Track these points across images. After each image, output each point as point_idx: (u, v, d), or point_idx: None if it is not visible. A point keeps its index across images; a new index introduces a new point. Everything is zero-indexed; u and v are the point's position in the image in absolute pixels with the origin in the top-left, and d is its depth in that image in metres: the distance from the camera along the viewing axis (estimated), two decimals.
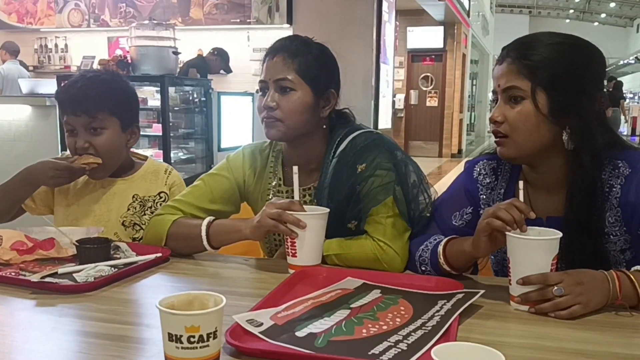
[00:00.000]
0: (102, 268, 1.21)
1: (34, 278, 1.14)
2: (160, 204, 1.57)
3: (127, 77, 2.01)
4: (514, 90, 1.17)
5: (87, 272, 1.19)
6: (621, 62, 24.38)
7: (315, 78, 1.37)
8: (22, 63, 7.05)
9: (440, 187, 1.44)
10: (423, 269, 1.26)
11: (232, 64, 6.80)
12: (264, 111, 1.37)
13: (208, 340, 0.74)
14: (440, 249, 1.22)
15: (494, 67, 1.24)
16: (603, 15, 27.27)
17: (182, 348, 0.73)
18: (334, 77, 1.43)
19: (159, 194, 1.60)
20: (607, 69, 1.30)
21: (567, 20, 27.60)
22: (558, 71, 1.16)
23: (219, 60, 5.79)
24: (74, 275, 1.18)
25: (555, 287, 1.02)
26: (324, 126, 1.43)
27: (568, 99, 1.16)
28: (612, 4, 25.29)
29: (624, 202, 1.17)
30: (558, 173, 1.22)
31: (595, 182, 1.18)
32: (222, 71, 6.00)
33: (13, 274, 1.20)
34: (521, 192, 1.12)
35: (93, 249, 1.27)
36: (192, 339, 0.73)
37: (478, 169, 1.35)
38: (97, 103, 1.49)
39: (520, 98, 1.17)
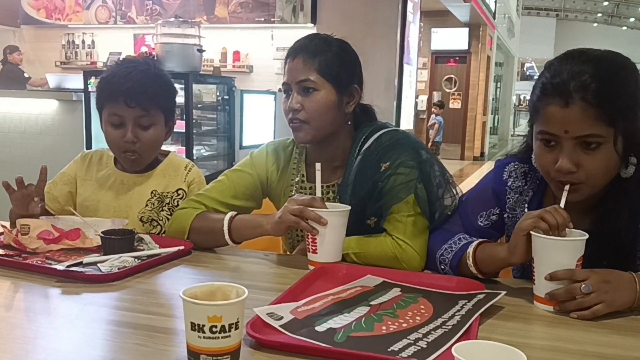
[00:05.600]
0: (126, 259, 1.23)
1: (60, 266, 1.16)
2: (178, 201, 1.57)
3: None
4: (592, 137, 1.06)
5: (112, 262, 1.21)
6: None
7: (337, 75, 1.37)
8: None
9: (462, 190, 1.42)
10: (442, 267, 1.25)
11: (255, 63, 6.84)
12: (290, 113, 1.38)
13: (230, 331, 0.75)
14: (470, 250, 1.19)
15: (547, 106, 1.08)
16: (632, 19, 26.76)
17: (204, 337, 0.74)
18: (355, 72, 1.42)
19: (177, 190, 1.59)
20: None
21: (595, 24, 27.16)
22: (630, 107, 1.07)
23: None
24: (99, 265, 1.20)
25: (583, 285, 1.01)
26: (349, 122, 1.43)
27: (636, 130, 1.09)
28: None
29: None
30: (597, 194, 1.17)
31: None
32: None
33: (39, 262, 1.22)
34: (563, 199, 1.10)
35: (117, 240, 1.29)
36: (214, 329, 0.74)
37: (509, 171, 1.30)
38: (152, 98, 1.51)
39: (598, 144, 1.06)
